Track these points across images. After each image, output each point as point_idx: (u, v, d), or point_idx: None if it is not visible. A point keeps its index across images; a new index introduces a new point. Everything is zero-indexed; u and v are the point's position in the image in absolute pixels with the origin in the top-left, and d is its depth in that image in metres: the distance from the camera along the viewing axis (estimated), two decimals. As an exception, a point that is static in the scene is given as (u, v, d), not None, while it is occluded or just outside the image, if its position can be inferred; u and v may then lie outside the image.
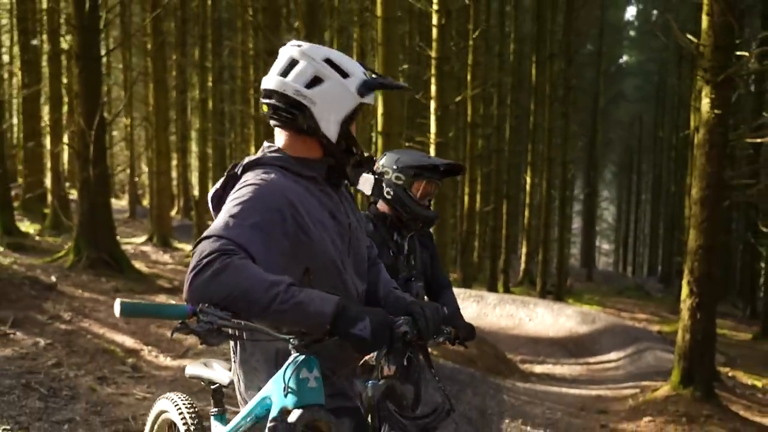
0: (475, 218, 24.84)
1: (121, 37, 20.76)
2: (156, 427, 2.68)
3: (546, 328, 16.37)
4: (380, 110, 10.72)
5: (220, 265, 1.72)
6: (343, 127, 2.08)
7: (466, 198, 21.97)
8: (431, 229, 3.71)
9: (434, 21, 12.79)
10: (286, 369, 1.86)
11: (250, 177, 2.00)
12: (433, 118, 12.78)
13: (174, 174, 26.97)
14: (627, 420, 8.23)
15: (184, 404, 2.51)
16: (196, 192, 23.74)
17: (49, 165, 17.87)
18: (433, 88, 12.83)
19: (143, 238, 17.61)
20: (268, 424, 1.81)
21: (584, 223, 40.26)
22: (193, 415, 2.45)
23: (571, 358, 14.61)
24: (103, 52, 11.69)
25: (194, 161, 28.63)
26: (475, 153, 21.71)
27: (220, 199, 2.07)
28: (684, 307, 8.55)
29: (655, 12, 40.94)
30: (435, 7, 12.68)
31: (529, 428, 7.60)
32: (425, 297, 3.52)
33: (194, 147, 27.99)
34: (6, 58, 22.60)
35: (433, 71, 12.85)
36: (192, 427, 2.43)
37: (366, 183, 2.30)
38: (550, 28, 25.28)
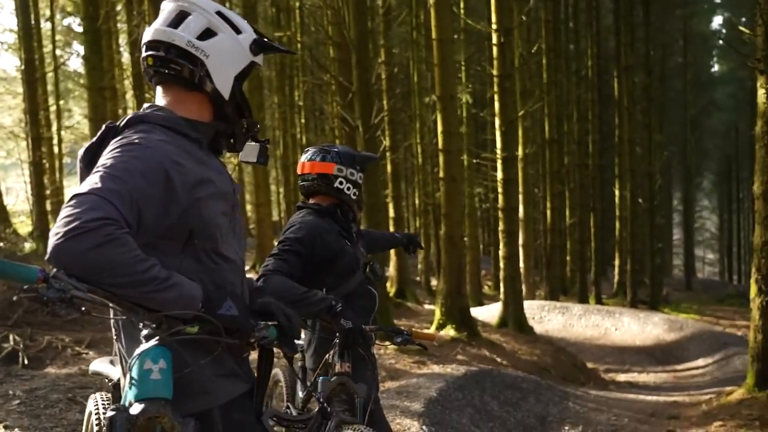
0: (563, 233, 23.89)
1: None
2: (90, 426, 2.55)
3: (632, 337, 15.35)
4: (440, 128, 10.47)
5: (104, 237, 1.51)
6: (236, 84, 1.90)
7: (548, 213, 21.15)
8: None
9: (494, 40, 12.43)
10: (131, 360, 1.67)
11: (131, 134, 1.76)
12: (497, 134, 12.39)
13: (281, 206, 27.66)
14: (696, 425, 7.43)
15: (102, 402, 2.39)
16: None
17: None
18: (496, 105, 12.46)
19: (247, 266, 18.02)
20: (108, 413, 1.61)
21: (683, 232, 37.95)
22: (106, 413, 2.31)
23: (658, 366, 13.59)
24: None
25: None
26: (554, 168, 20.89)
27: (94, 156, 1.79)
28: (753, 306, 7.68)
29: (744, 19, 38.38)
30: (494, 26, 12.34)
31: (587, 434, 7.01)
32: None
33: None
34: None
35: (495, 89, 12.48)
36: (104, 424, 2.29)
37: (251, 152, 2.06)
38: (630, 42, 24.08)
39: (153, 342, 1.66)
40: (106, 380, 2.34)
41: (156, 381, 1.64)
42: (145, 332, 1.68)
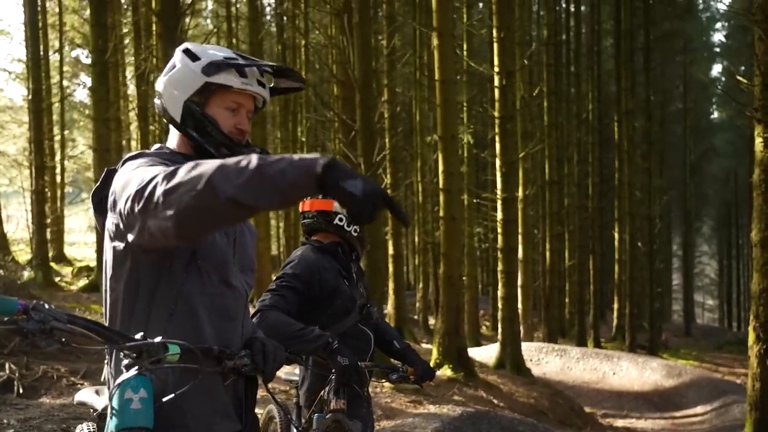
0: (562, 274, 23.88)
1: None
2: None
3: (631, 382, 15.23)
4: (441, 167, 10.57)
5: (192, 175, 1.51)
6: (188, 106, 1.91)
7: (547, 254, 21.17)
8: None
9: (496, 82, 12.63)
10: (112, 389, 1.68)
11: (129, 165, 1.82)
12: (498, 174, 12.50)
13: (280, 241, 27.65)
14: (694, 474, 7.37)
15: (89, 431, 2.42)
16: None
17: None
18: (497, 146, 12.59)
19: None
20: None
21: (682, 277, 37.88)
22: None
23: (656, 412, 13.47)
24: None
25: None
26: (553, 210, 20.98)
27: (101, 199, 1.86)
28: (752, 353, 7.69)
29: (742, 68, 38.94)
30: (496, 69, 12.55)
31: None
32: None
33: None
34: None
35: (496, 130, 12.63)
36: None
37: None
38: (631, 87, 24.37)
39: (133, 371, 1.67)
40: (91, 410, 2.35)
41: (136, 411, 1.64)
42: (125, 362, 1.69)
